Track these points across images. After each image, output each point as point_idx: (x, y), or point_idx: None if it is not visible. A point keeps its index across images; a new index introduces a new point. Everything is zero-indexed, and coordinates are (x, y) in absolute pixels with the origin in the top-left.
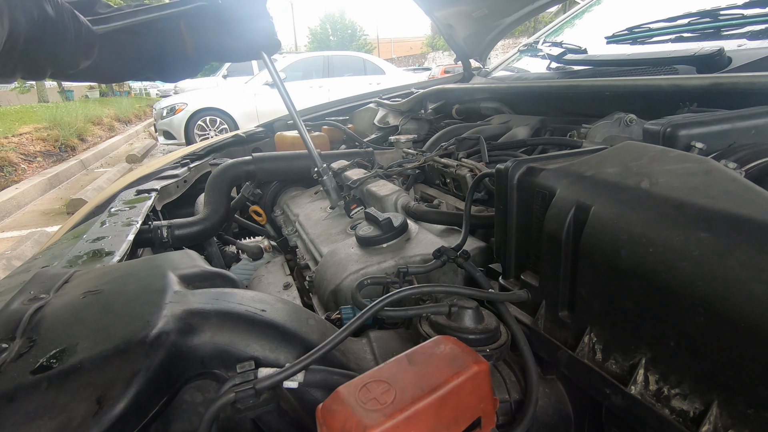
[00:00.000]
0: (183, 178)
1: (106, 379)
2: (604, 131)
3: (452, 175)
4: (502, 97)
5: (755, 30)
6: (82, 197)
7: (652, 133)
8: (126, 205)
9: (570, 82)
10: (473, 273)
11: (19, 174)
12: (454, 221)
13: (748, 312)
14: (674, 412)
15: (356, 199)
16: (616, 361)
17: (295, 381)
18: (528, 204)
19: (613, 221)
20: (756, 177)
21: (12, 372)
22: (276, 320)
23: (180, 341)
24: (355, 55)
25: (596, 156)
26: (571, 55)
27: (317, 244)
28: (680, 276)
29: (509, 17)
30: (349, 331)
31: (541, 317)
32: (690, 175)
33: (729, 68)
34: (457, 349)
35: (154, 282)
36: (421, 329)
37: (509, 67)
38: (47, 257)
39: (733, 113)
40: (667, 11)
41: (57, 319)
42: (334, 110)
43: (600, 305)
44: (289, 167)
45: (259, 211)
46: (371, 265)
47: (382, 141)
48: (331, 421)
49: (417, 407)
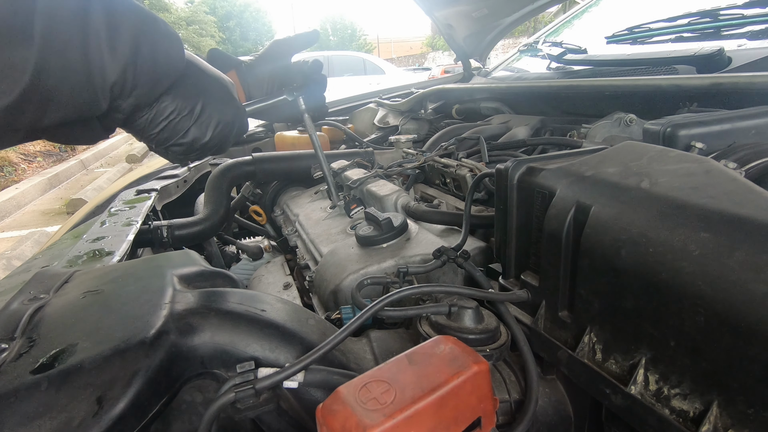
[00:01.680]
0: (183, 178)
1: (106, 379)
2: (604, 131)
3: (452, 175)
4: (502, 97)
5: (755, 30)
6: (82, 197)
7: (652, 133)
8: (126, 205)
9: (570, 82)
10: (473, 273)
11: (19, 174)
12: (454, 221)
13: (748, 312)
14: (674, 412)
15: (356, 199)
16: (616, 361)
17: (295, 381)
18: (528, 204)
19: (613, 221)
20: (756, 177)
21: (12, 372)
22: (276, 320)
23: (180, 341)
24: (355, 55)
25: (596, 156)
26: (571, 55)
27: (317, 244)
28: (680, 276)
29: (509, 17)
30: (349, 331)
31: (541, 317)
32: (690, 175)
33: (729, 68)
34: (457, 349)
35: (154, 282)
36: (421, 329)
37: (509, 67)
38: (47, 257)
39: (733, 113)
40: (667, 11)
41: (57, 319)
42: (334, 110)
43: (600, 305)
44: (290, 167)
45: (259, 211)
46: (371, 265)
47: (382, 141)
48: (331, 421)
49: (417, 407)
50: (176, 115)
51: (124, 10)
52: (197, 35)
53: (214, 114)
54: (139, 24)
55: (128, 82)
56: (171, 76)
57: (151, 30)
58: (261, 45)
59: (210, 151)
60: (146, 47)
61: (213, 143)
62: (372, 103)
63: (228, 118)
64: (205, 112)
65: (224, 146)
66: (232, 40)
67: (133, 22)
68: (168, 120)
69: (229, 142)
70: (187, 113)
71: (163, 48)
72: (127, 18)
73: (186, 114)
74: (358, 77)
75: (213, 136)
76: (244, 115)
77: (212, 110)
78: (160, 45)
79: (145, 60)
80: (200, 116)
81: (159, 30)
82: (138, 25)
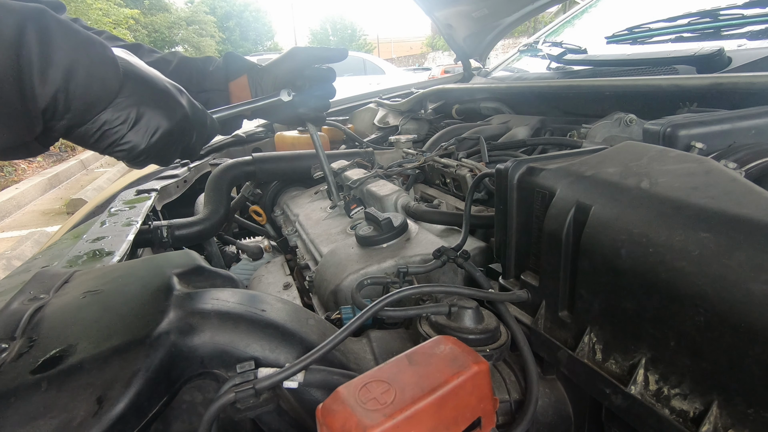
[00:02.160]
0: (183, 178)
1: (106, 379)
2: (604, 131)
3: (452, 175)
4: (502, 97)
5: (755, 30)
6: (82, 197)
7: (652, 133)
8: (126, 205)
9: (570, 82)
10: (473, 273)
11: (19, 174)
12: (454, 221)
13: (748, 312)
14: (674, 412)
15: (356, 199)
16: (616, 361)
17: (295, 381)
18: (528, 204)
19: (613, 221)
20: (756, 177)
21: (12, 372)
22: (276, 320)
23: (180, 341)
24: (355, 55)
25: (596, 156)
26: (571, 55)
27: (317, 244)
28: (680, 276)
29: (509, 17)
30: (349, 331)
31: (541, 317)
32: (690, 175)
33: (729, 68)
34: (457, 349)
35: (154, 282)
36: (421, 329)
37: (509, 67)
38: (47, 257)
39: (733, 113)
40: (667, 11)
41: (57, 319)
42: (334, 110)
43: (600, 305)
44: (290, 167)
45: (259, 211)
46: (371, 265)
47: (382, 141)
48: (331, 421)
49: (417, 407)
50: (108, 126)
51: (58, 40)
52: (197, 35)
53: (152, 122)
54: (73, 52)
55: (60, 107)
56: (105, 99)
57: (84, 57)
58: (261, 45)
59: (155, 159)
60: (80, 73)
61: (154, 150)
62: (372, 103)
63: (168, 125)
64: (141, 120)
65: (168, 153)
66: (231, 40)
67: (67, 50)
68: (102, 131)
69: (174, 148)
70: (121, 123)
71: (98, 73)
72: (60, 47)
73: (120, 124)
74: (358, 77)
75: (152, 143)
76: (198, 122)
77: (150, 119)
78: (94, 70)
79: (78, 86)
80: (135, 125)
81: (94, 56)
82: (72, 53)
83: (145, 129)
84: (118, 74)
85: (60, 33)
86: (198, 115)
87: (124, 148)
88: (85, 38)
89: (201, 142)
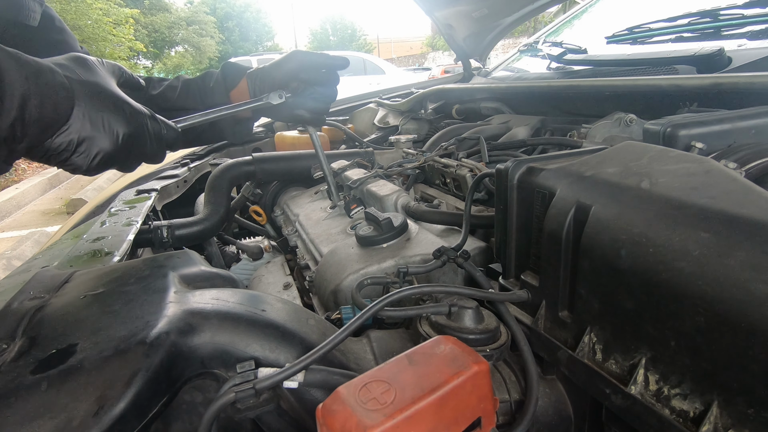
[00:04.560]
0: (183, 178)
1: (106, 379)
2: (604, 131)
3: (452, 175)
4: (502, 97)
5: (755, 30)
6: (82, 197)
7: (652, 133)
8: (126, 205)
9: (570, 82)
10: (473, 273)
11: (19, 174)
12: (454, 221)
13: (748, 312)
14: (674, 412)
15: (356, 199)
16: (616, 361)
17: (295, 381)
18: (528, 204)
19: (613, 221)
20: (756, 177)
21: (12, 372)
22: (276, 320)
23: (180, 341)
24: (355, 55)
25: (596, 156)
26: (571, 55)
27: (317, 244)
28: (680, 276)
29: (509, 17)
30: (349, 331)
31: (541, 317)
32: (690, 175)
33: (729, 68)
34: (457, 349)
35: (154, 282)
36: (421, 329)
37: (509, 67)
38: (47, 257)
39: (733, 113)
40: (667, 11)
41: (57, 319)
42: (334, 110)
43: (600, 305)
44: (290, 167)
45: (259, 211)
46: (371, 265)
47: (382, 141)
48: (331, 421)
49: (417, 407)
50: (53, 153)
51: (12, 74)
52: (197, 35)
53: (93, 148)
54: (26, 83)
55: (18, 133)
56: (59, 121)
57: (36, 87)
58: (261, 45)
59: (108, 168)
60: (33, 102)
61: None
62: (372, 103)
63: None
64: (82, 145)
65: (131, 159)
66: (231, 41)
67: (21, 83)
68: (48, 155)
69: (123, 162)
70: (64, 149)
71: (50, 100)
72: (15, 80)
73: (63, 150)
74: (358, 77)
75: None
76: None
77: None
78: (46, 98)
79: (32, 114)
80: (76, 151)
81: (45, 85)
82: (25, 84)
83: (86, 154)
84: (71, 98)
85: (12, 65)
86: (151, 128)
87: (71, 168)
88: (36, 67)
89: (157, 151)
